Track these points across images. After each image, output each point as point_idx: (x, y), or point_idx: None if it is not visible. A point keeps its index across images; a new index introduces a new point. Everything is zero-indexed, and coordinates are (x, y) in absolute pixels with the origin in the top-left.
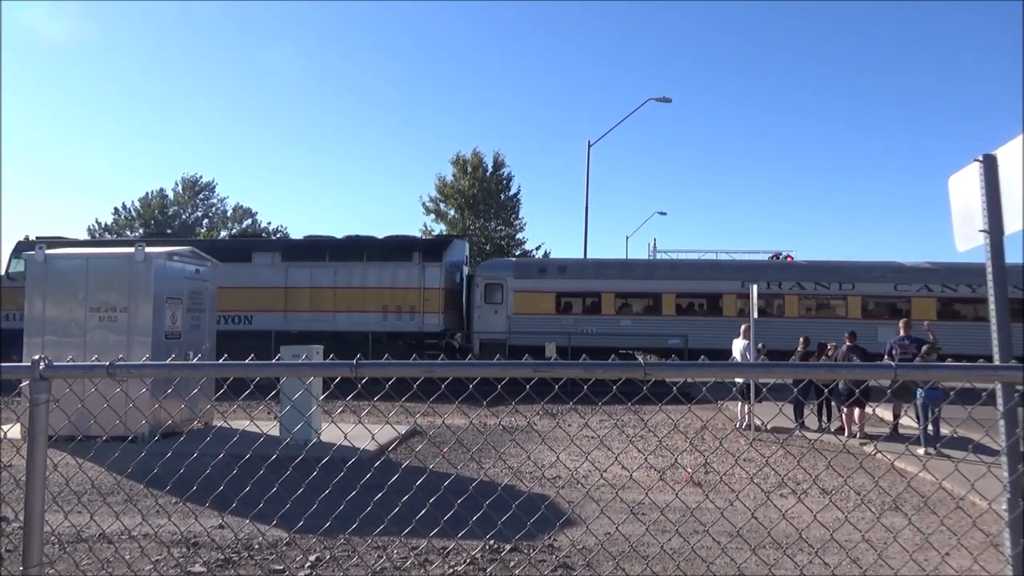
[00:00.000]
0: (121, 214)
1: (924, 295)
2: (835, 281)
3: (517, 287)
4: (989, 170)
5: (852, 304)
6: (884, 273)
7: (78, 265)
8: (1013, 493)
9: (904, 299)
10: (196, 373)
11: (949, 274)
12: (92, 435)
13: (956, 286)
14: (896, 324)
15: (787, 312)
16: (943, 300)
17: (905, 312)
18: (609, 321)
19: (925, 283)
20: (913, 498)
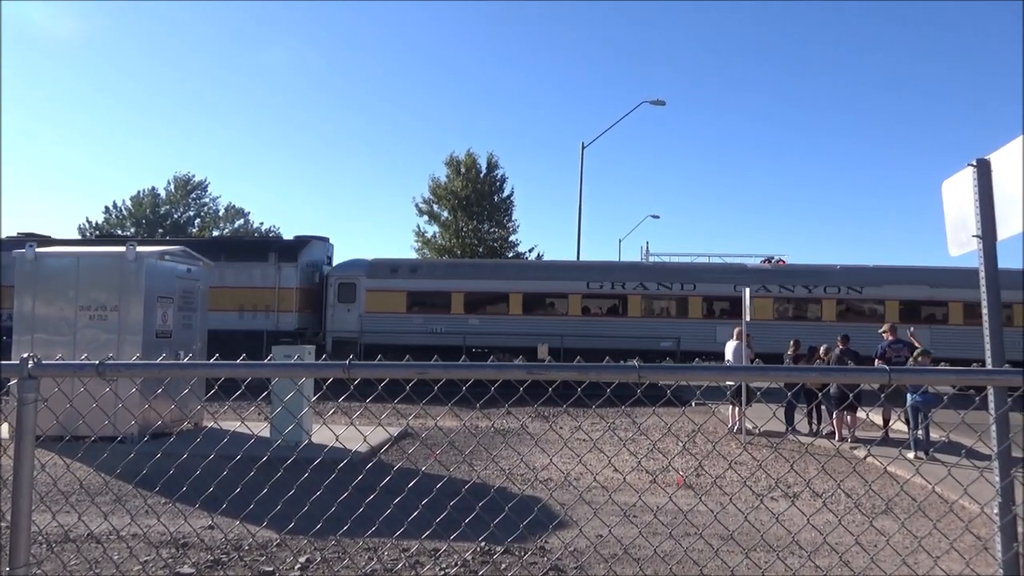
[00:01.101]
0: (112, 213)
1: (762, 295)
2: (677, 282)
3: (369, 286)
4: (983, 175)
5: (693, 304)
6: (724, 274)
7: (69, 263)
8: (1005, 498)
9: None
10: (186, 373)
11: (786, 275)
12: (81, 435)
13: (793, 287)
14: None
15: (631, 312)
16: (779, 300)
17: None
18: (458, 320)
19: (763, 284)
20: (905, 502)
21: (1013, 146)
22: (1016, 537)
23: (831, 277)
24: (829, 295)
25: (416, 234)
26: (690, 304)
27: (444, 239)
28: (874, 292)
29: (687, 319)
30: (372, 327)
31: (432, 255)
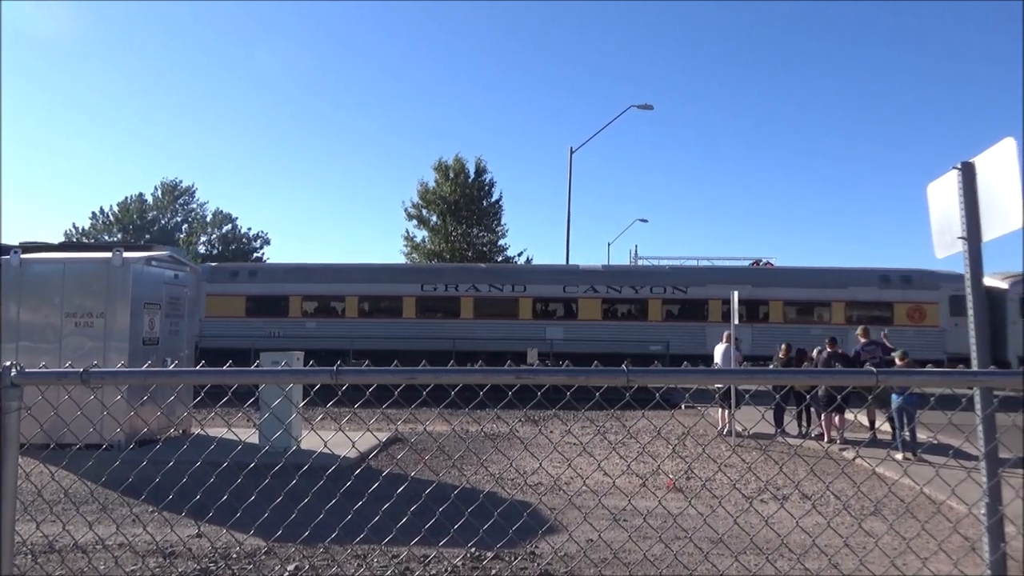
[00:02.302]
0: (99, 218)
1: (590, 296)
2: (508, 283)
3: (210, 291)
4: (967, 178)
5: (524, 305)
6: (553, 275)
7: (54, 270)
8: (992, 498)
9: (572, 300)
10: (171, 380)
11: (613, 276)
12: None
13: (620, 288)
14: None
15: (463, 314)
16: (607, 300)
17: (574, 311)
18: (295, 323)
19: (591, 284)
20: (893, 503)
21: (997, 149)
22: (1003, 537)
23: (657, 278)
24: (655, 295)
25: (405, 239)
26: (520, 305)
27: (433, 244)
28: (699, 292)
29: (518, 320)
30: (211, 331)
31: (422, 260)
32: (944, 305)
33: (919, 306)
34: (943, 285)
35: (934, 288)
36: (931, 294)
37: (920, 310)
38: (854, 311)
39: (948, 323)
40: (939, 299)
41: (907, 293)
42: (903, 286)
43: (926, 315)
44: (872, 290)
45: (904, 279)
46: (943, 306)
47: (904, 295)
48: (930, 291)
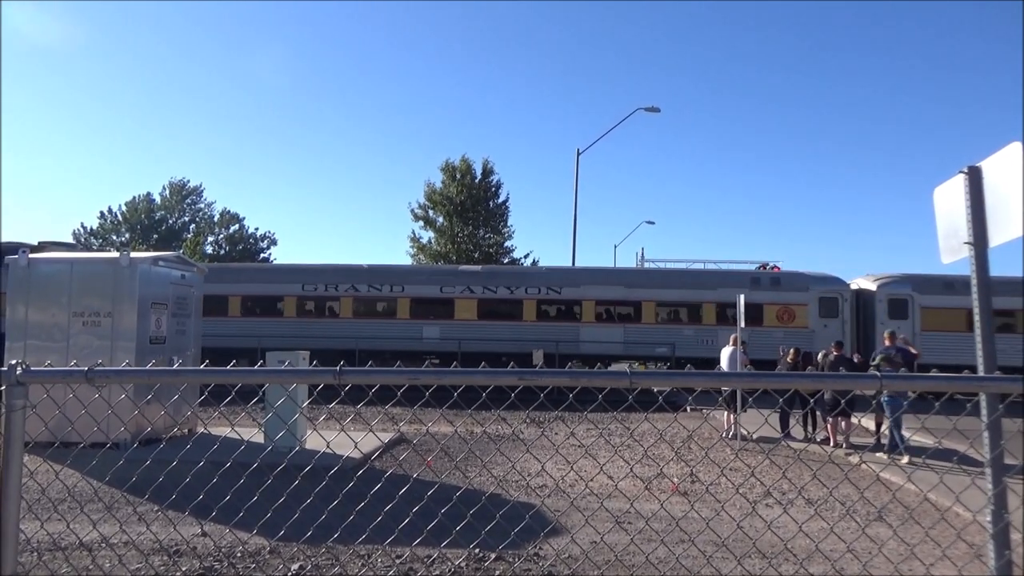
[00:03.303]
0: (107, 218)
1: (467, 296)
2: (387, 284)
3: None
4: (974, 182)
5: (402, 305)
6: (431, 276)
7: (62, 270)
8: (997, 505)
9: (449, 300)
10: (175, 379)
11: (489, 277)
12: (71, 441)
13: (496, 288)
14: None
15: (343, 313)
16: (483, 301)
17: (451, 311)
18: None
19: (468, 285)
20: (898, 509)
21: (1004, 153)
22: (1009, 545)
23: (532, 278)
24: (530, 296)
25: (411, 240)
26: (398, 305)
27: (440, 245)
28: (572, 292)
29: (395, 320)
30: None
31: (428, 261)
32: (813, 306)
33: (788, 307)
34: (812, 287)
35: (803, 290)
36: (800, 296)
37: (789, 311)
38: (725, 312)
39: (817, 324)
40: (808, 300)
41: (777, 295)
42: (773, 287)
43: (795, 316)
44: (742, 291)
45: (774, 281)
46: (812, 307)
47: (774, 296)
48: (799, 293)
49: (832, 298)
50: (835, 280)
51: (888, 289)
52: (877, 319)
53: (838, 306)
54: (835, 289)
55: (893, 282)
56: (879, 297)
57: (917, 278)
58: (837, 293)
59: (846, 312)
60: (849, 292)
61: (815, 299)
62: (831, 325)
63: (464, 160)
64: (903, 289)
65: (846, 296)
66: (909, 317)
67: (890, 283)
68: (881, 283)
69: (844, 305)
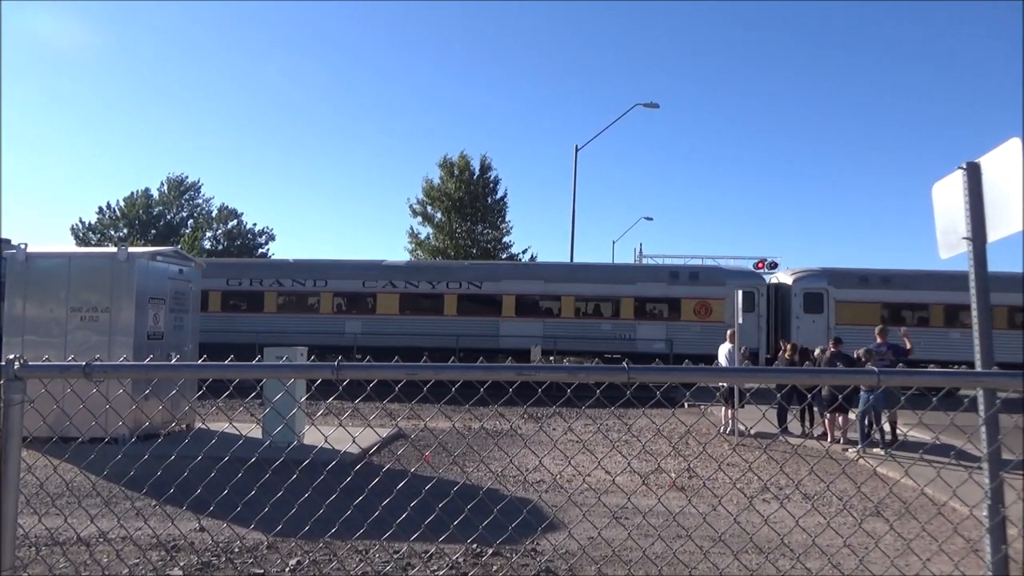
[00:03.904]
0: (105, 214)
1: (389, 291)
2: (311, 278)
3: None
4: (972, 178)
5: (324, 300)
6: (354, 270)
7: (60, 264)
8: (993, 499)
9: (371, 295)
10: (173, 374)
11: (411, 271)
12: (69, 436)
13: (418, 283)
14: None
15: (267, 308)
16: (405, 295)
17: (373, 306)
18: None
19: (390, 280)
20: (895, 504)
21: (1003, 149)
22: (1005, 539)
23: (453, 273)
24: (451, 290)
25: (410, 235)
26: (321, 300)
27: (438, 240)
28: (493, 287)
29: (318, 314)
30: None
31: (426, 257)
32: (730, 300)
33: (705, 302)
34: (729, 281)
35: (720, 284)
36: (717, 290)
37: (706, 305)
38: (644, 306)
39: (734, 318)
40: (725, 295)
41: (694, 289)
42: (690, 282)
43: (712, 310)
44: (661, 286)
45: (692, 275)
46: (729, 301)
47: (691, 291)
48: (717, 287)
49: (749, 292)
50: (753, 275)
51: (804, 283)
52: (793, 313)
53: (755, 300)
54: (752, 284)
55: (809, 276)
56: (795, 291)
57: (833, 272)
58: (754, 288)
59: (762, 306)
60: (766, 287)
61: (732, 293)
62: (747, 319)
63: (462, 156)
64: (818, 283)
65: (763, 291)
66: (824, 311)
67: (806, 277)
68: (797, 277)
69: (760, 299)
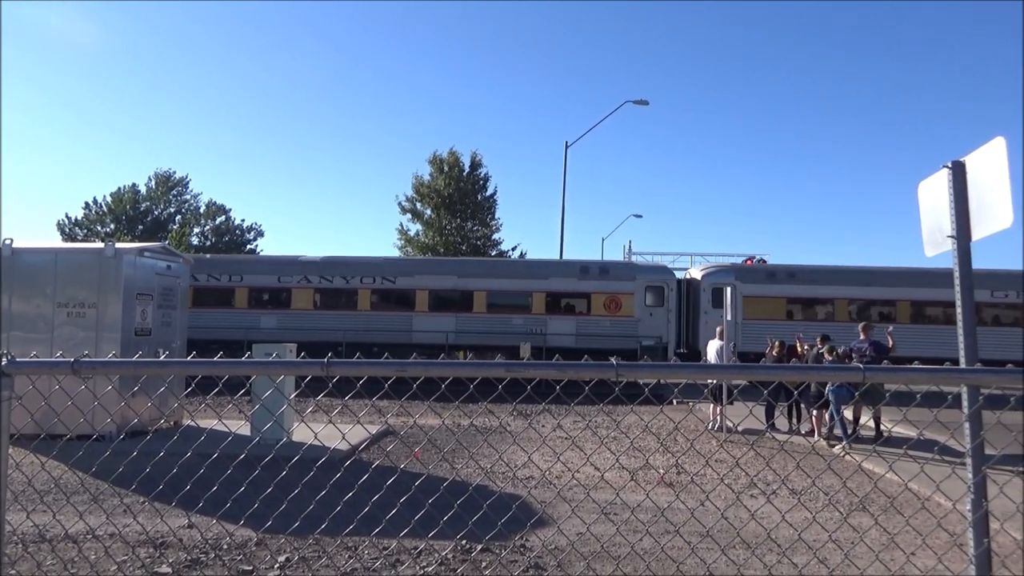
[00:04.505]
0: (92, 209)
1: (303, 286)
2: (226, 273)
3: None
4: (957, 177)
5: (240, 295)
6: (269, 266)
7: (46, 260)
8: (977, 494)
9: (286, 290)
10: (163, 370)
11: (326, 266)
12: (56, 433)
13: (332, 278)
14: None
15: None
16: (319, 291)
17: (288, 301)
18: None
19: (305, 275)
20: (880, 499)
21: (987, 149)
22: (988, 533)
23: (367, 268)
24: (365, 285)
25: (399, 232)
26: (236, 295)
27: (427, 237)
28: (406, 282)
29: (233, 309)
30: None
31: (415, 253)
32: (640, 295)
33: (615, 296)
34: (639, 276)
35: (630, 279)
36: (627, 285)
37: (616, 300)
38: (557, 301)
39: (643, 312)
40: (635, 290)
41: (604, 284)
42: (601, 277)
43: (622, 305)
44: (571, 281)
45: (602, 270)
46: (638, 296)
47: (601, 286)
48: (626, 282)
49: (658, 287)
50: (662, 269)
51: (712, 279)
52: (701, 308)
53: (664, 295)
54: (661, 279)
55: (717, 272)
56: (703, 286)
57: (741, 268)
58: (663, 282)
59: (671, 301)
60: (674, 281)
61: (641, 288)
62: (656, 314)
63: (452, 153)
64: (726, 279)
65: (672, 285)
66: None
67: (714, 273)
68: (706, 273)
69: (670, 294)
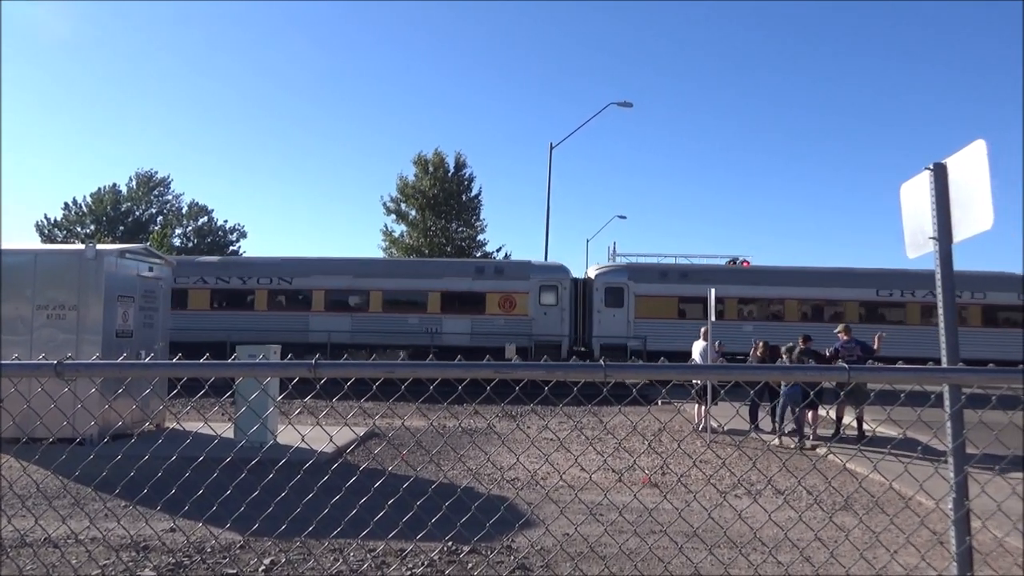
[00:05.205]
0: (72, 210)
1: (200, 287)
2: None
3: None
4: (939, 179)
5: None
6: (181, 267)
7: (25, 261)
8: (959, 493)
9: (183, 291)
10: (147, 372)
11: (223, 267)
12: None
13: (229, 278)
14: None
15: None
16: (216, 291)
17: (185, 302)
18: None
19: (202, 275)
20: (864, 498)
21: (969, 151)
22: (970, 531)
23: (263, 268)
24: (262, 286)
25: (384, 233)
26: None
27: (412, 238)
28: (303, 282)
29: None
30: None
31: (400, 254)
32: (534, 294)
33: (509, 295)
34: (533, 275)
35: (525, 278)
36: (522, 284)
37: (510, 299)
38: (451, 301)
39: (537, 311)
40: (529, 289)
41: (499, 283)
42: (496, 276)
43: (516, 304)
44: (466, 280)
45: (497, 270)
46: (532, 295)
47: (496, 285)
48: (521, 281)
49: (552, 286)
50: (557, 268)
51: (605, 278)
52: (595, 307)
53: (558, 294)
54: (555, 278)
55: (611, 271)
56: (596, 285)
57: (634, 267)
58: (557, 281)
59: (565, 300)
60: (569, 280)
61: (536, 287)
62: (551, 313)
63: (437, 154)
64: (619, 278)
65: (565, 284)
66: (624, 305)
67: (608, 272)
68: (599, 272)
69: (564, 293)
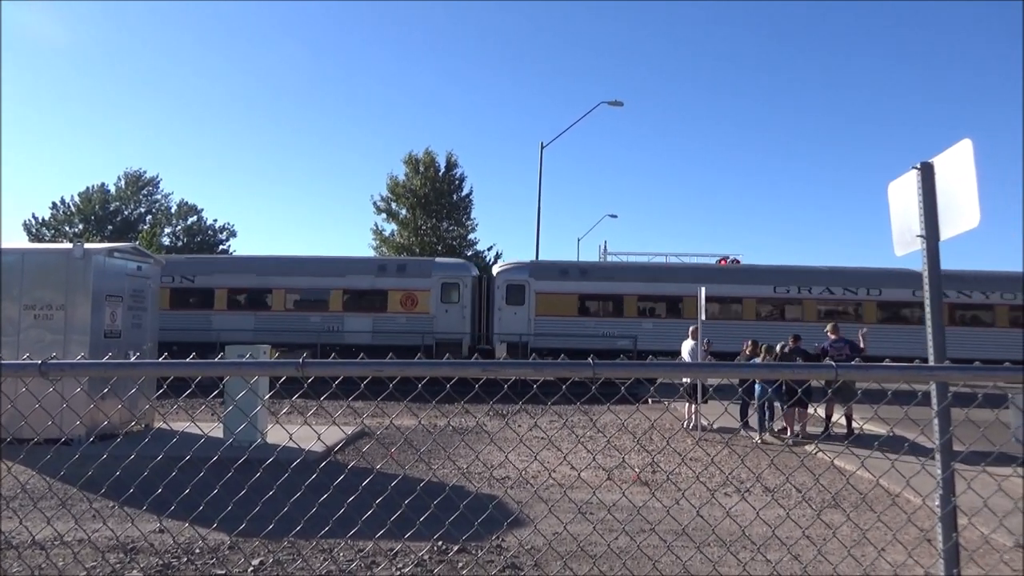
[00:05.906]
0: (60, 209)
1: (167, 284)
2: None
3: None
4: (926, 178)
5: None
6: None
7: (12, 261)
8: (945, 490)
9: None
10: (133, 372)
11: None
12: (24, 437)
13: (194, 277)
14: None
15: None
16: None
17: None
18: None
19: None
20: (851, 495)
21: (955, 150)
22: (956, 528)
23: (168, 267)
24: (164, 284)
25: (374, 232)
26: None
27: (402, 237)
28: (205, 280)
29: None
30: None
31: (390, 253)
32: (435, 292)
33: (411, 293)
34: (435, 273)
35: (426, 276)
36: (423, 282)
37: (412, 297)
38: (351, 298)
39: (438, 309)
40: (431, 287)
41: (401, 281)
42: (398, 274)
43: (417, 302)
44: (369, 278)
45: (399, 268)
46: (434, 293)
47: (398, 283)
48: (423, 279)
49: (453, 283)
50: (459, 266)
51: (507, 275)
52: (496, 304)
53: (459, 292)
54: (457, 275)
55: (512, 268)
56: (498, 283)
57: (536, 265)
58: (458, 279)
59: (467, 297)
60: (471, 278)
61: (437, 285)
62: (452, 311)
63: (428, 153)
64: (520, 275)
65: (467, 282)
66: (525, 302)
67: (509, 270)
68: (501, 269)
69: (465, 291)
